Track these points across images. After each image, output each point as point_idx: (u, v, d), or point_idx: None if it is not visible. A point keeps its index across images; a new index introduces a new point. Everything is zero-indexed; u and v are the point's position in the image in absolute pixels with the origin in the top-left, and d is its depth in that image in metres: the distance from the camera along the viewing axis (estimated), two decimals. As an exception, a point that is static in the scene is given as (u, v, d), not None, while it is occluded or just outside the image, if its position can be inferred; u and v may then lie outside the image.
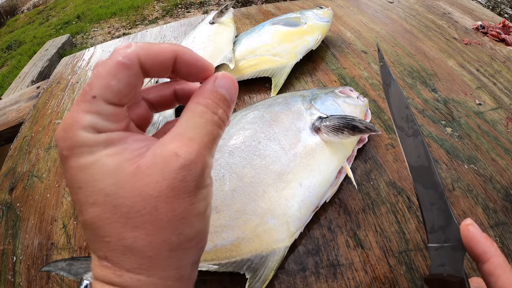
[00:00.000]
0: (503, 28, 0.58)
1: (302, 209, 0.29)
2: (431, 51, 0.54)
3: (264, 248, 0.27)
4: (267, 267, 0.26)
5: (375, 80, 0.47)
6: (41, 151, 0.43)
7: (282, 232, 0.27)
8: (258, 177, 0.29)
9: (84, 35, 2.76)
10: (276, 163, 0.30)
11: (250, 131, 0.32)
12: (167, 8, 2.88)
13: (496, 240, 0.29)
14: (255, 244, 0.27)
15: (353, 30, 0.61)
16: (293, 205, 0.28)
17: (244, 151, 0.30)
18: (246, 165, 0.29)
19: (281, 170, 0.29)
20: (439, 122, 0.40)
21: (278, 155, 0.30)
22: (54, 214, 0.35)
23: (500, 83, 0.47)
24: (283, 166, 0.30)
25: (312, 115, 0.34)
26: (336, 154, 0.32)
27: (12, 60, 2.62)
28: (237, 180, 0.29)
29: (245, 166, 0.29)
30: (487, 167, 0.35)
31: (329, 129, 0.31)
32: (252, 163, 0.30)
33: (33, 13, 3.71)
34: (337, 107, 0.35)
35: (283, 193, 0.29)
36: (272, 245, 0.27)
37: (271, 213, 0.27)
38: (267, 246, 0.27)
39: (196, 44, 0.50)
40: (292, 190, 0.29)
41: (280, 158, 0.30)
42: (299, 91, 0.39)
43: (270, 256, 0.26)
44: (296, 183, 0.29)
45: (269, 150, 0.30)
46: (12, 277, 0.31)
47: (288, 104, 0.35)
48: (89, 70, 0.60)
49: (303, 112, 0.34)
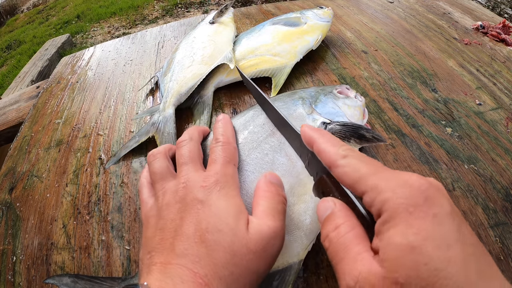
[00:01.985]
0: (503, 28, 0.58)
1: (314, 221, 0.28)
2: (431, 51, 0.54)
3: (280, 263, 0.26)
4: (284, 282, 0.25)
5: (375, 80, 0.47)
6: (41, 151, 0.43)
7: (297, 246, 0.26)
8: None
9: (84, 34, 2.76)
10: (286, 177, 0.28)
11: (254, 143, 0.30)
12: (167, 8, 2.88)
13: (496, 240, 0.29)
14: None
15: (353, 30, 0.61)
16: (306, 218, 0.27)
17: (251, 164, 0.29)
18: (254, 180, 0.28)
19: (291, 183, 0.28)
20: (439, 122, 0.40)
21: (286, 167, 0.29)
22: (54, 214, 0.35)
23: (500, 83, 0.47)
24: (293, 179, 0.28)
25: (315, 121, 0.33)
26: None
27: (11, 60, 2.62)
28: (247, 197, 0.27)
29: (253, 182, 0.28)
30: (487, 167, 0.35)
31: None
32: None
33: (33, 12, 3.71)
34: (338, 110, 0.34)
35: (295, 208, 0.27)
36: (288, 259, 0.26)
37: (286, 230, 0.26)
38: (282, 261, 0.26)
39: (196, 44, 0.50)
40: (304, 204, 0.28)
41: (289, 171, 0.29)
42: (296, 92, 0.38)
43: (287, 270, 0.26)
44: (307, 195, 0.28)
45: (277, 162, 0.29)
46: (12, 277, 0.31)
47: (288, 109, 0.34)
48: (89, 70, 0.60)
49: (305, 118, 0.33)
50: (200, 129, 0.32)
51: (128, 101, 0.49)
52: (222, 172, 0.25)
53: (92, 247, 0.32)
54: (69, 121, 0.48)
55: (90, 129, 0.45)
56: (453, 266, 0.14)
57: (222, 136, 0.29)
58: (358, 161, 0.19)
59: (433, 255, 0.14)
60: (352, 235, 0.18)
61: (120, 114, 0.47)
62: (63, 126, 0.47)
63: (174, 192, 0.24)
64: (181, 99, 0.43)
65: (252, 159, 0.29)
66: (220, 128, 0.30)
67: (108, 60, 0.62)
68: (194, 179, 0.24)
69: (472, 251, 0.15)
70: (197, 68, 0.45)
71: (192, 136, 0.29)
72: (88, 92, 0.53)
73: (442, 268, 0.14)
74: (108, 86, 0.53)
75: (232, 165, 0.26)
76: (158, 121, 0.40)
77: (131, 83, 0.53)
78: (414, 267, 0.14)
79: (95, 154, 0.41)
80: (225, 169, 0.25)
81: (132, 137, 0.40)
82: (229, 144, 0.28)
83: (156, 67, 0.56)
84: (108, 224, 0.33)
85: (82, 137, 0.44)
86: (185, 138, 0.29)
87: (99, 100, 0.51)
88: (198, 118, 0.42)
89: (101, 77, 0.57)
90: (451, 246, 0.15)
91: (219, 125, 0.30)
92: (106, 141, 0.43)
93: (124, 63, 0.59)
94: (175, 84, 0.44)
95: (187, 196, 0.23)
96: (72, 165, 0.40)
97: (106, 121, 0.46)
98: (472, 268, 0.14)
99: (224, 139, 0.28)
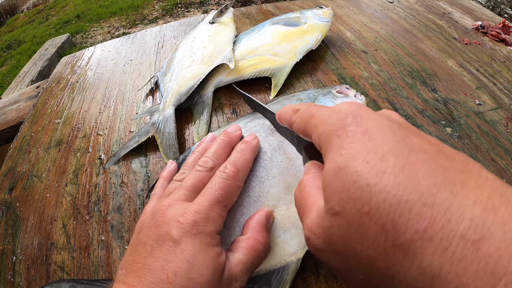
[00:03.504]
0: (503, 28, 0.58)
1: None
2: (431, 51, 0.54)
3: (278, 262, 0.26)
4: (281, 281, 0.25)
5: (375, 80, 0.47)
6: (40, 151, 0.43)
7: (294, 245, 0.26)
8: (266, 191, 0.28)
9: (83, 34, 2.76)
10: (284, 174, 0.29)
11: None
12: (167, 8, 2.88)
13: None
14: (268, 259, 0.26)
15: (353, 30, 0.61)
16: None
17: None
18: (252, 177, 0.28)
19: (289, 181, 0.28)
20: (439, 122, 0.40)
21: (284, 165, 0.29)
22: (53, 214, 0.35)
23: (500, 83, 0.47)
24: (291, 177, 0.28)
25: None
26: None
27: (11, 60, 2.61)
28: (244, 194, 0.27)
29: (251, 179, 0.28)
30: (487, 167, 0.35)
31: None
32: (259, 176, 0.28)
33: (33, 12, 3.71)
34: None
35: (293, 206, 0.27)
36: (286, 258, 0.26)
37: (282, 228, 0.26)
38: (280, 260, 0.26)
39: (196, 44, 0.50)
40: None
41: (287, 169, 0.29)
42: (295, 94, 0.38)
43: (284, 269, 0.26)
44: None
45: (275, 160, 0.29)
46: (11, 277, 0.31)
47: None
48: (89, 70, 0.60)
49: None
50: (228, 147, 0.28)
51: (128, 101, 0.49)
52: (205, 214, 0.22)
53: (92, 247, 0.32)
54: (69, 121, 0.48)
55: (90, 129, 0.45)
56: (388, 178, 0.12)
57: (232, 166, 0.25)
58: (306, 110, 0.19)
59: (362, 171, 0.13)
60: (311, 187, 0.17)
61: (120, 114, 0.46)
62: (63, 126, 0.47)
63: (153, 213, 0.23)
64: (181, 99, 0.43)
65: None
66: (239, 153, 0.27)
67: (108, 60, 0.62)
68: (176, 208, 0.22)
69: (425, 158, 0.12)
70: (197, 68, 0.45)
71: (215, 164, 0.26)
72: (88, 92, 0.53)
73: (375, 182, 0.12)
74: (108, 86, 0.53)
75: (222, 206, 0.23)
76: (158, 121, 0.40)
77: (131, 83, 0.53)
78: (344, 189, 0.13)
79: (95, 154, 0.41)
80: (210, 211, 0.22)
81: (132, 137, 0.40)
82: (234, 179, 0.24)
83: (156, 67, 0.56)
84: (108, 224, 0.33)
85: (82, 137, 0.44)
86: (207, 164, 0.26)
87: (99, 100, 0.51)
88: (198, 118, 0.42)
89: (101, 77, 0.57)
90: (384, 157, 0.13)
91: (241, 148, 0.27)
92: (106, 141, 0.43)
93: (124, 63, 0.59)
94: (175, 84, 0.44)
95: (162, 225, 0.22)
96: (72, 165, 0.40)
97: (106, 121, 0.46)
98: (425, 177, 0.12)
99: (231, 171, 0.25)
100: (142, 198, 0.35)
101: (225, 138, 0.29)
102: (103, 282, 0.27)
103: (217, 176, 0.24)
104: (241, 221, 0.27)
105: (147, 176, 0.37)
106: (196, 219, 0.21)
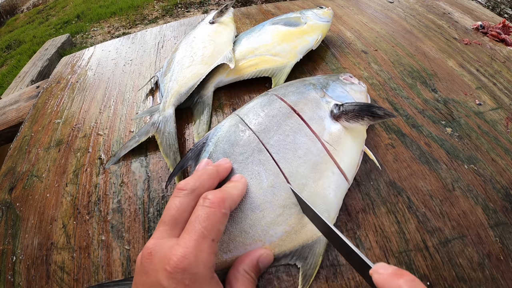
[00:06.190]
0: (503, 28, 0.58)
1: (337, 195, 0.30)
2: (431, 51, 0.54)
3: (310, 237, 0.28)
4: (315, 254, 0.27)
5: (375, 80, 0.47)
6: (40, 151, 0.43)
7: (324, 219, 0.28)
8: (295, 171, 0.29)
9: (83, 34, 2.76)
10: (308, 155, 0.30)
11: (275, 126, 0.32)
12: (167, 8, 2.88)
13: (496, 240, 0.29)
14: (302, 235, 0.28)
15: (353, 30, 0.61)
16: (329, 193, 0.29)
17: (274, 146, 0.31)
18: (280, 159, 0.30)
19: (314, 160, 0.30)
20: (439, 122, 0.40)
21: (308, 146, 0.31)
22: (53, 214, 0.35)
23: (500, 83, 0.47)
24: (315, 157, 0.30)
25: (328, 103, 0.34)
26: (356, 138, 0.33)
27: (11, 60, 2.61)
28: (274, 176, 0.29)
29: (279, 161, 0.30)
30: (487, 167, 0.35)
31: (350, 116, 0.32)
32: (286, 157, 0.30)
33: (33, 12, 3.71)
34: (346, 94, 0.37)
35: (320, 183, 0.29)
36: (317, 232, 0.28)
37: (313, 204, 0.27)
38: (312, 235, 0.28)
39: (196, 44, 0.50)
40: (327, 179, 0.30)
41: (310, 149, 0.30)
42: (305, 79, 0.39)
43: (316, 243, 0.28)
44: (329, 171, 0.30)
45: (299, 142, 0.31)
46: (11, 277, 0.31)
47: (303, 93, 0.35)
48: (89, 70, 0.60)
49: (319, 101, 0.35)
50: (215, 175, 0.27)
51: (128, 101, 0.49)
52: (193, 257, 0.19)
53: (92, 247, 0.31)
54: (69, 121, 0.48)
55: (90, 129, 0.45)
56: None
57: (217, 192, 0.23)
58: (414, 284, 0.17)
59: None
60: None
61: (120, 114, 0.46)
62: (63, 126, 0.47)
63: (142, 257, 0.22)
64: (181, 99, 0.43)
65: (275, 141, 0.31)
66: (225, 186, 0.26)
67: (108, 60, 0.62)
68: (161, 251, 0.21)
69: None
70: (197, 68, 0.45)
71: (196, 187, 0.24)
72: (88, 92, 0.53)
73: None
74: (108, 86, 0.53)
75: (209, 240, 0.21)
76: (158, 121, 0.40)
77: (131, 83, 0.53)
78: None
79: (95, 154, 0.41)
80: (198, 252, 0.20)
81: (132, 137, 0.40)
82: (218, 206, 0.22)
83: (156, 67, 0.56)
84: (108, 224, 0.33)
85: (82, 137, 0.44)
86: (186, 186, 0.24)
87: (99, 100, 0.51)
88: (198, 118, 0.42)
89: (101, 77, 0.57)
90: None
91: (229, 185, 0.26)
92: (106, 141, 0.43)
93: (124, 63, 0.59)
94: (175, 84, 0.44)
95: (151, 273, 0.20)
96: (72, 165, 0.40)
97: (106, 121, 0.46)
98: None
99: (215, 197, 0.23)
100: (142, 198, 0.35)
101: (213, 168, 0.28)
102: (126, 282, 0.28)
103: (199, 205, 0.22)
104: (275, 202, 0.28)
105: (147, 176, 0.37)
106: (184, 266, 0.19)
